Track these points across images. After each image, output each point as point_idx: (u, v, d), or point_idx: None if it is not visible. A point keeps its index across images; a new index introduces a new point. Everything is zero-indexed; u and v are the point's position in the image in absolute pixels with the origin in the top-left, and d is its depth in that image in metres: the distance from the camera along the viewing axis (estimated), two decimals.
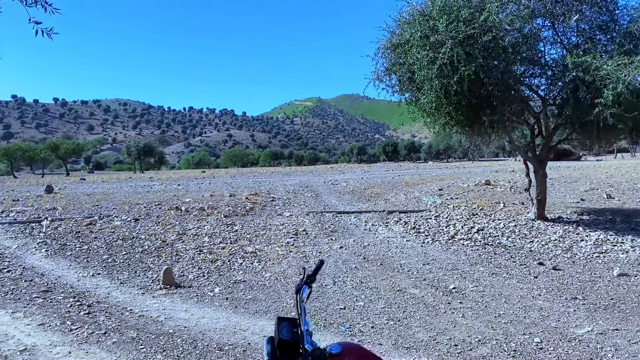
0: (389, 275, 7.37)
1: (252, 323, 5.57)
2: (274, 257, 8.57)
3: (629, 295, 6.22)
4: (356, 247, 9.23)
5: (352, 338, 5.03)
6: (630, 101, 8.86)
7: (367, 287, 6.80)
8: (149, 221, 11.38)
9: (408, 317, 5.60)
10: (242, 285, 7.09)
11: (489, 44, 9.42)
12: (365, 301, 6.19)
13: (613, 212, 12.55)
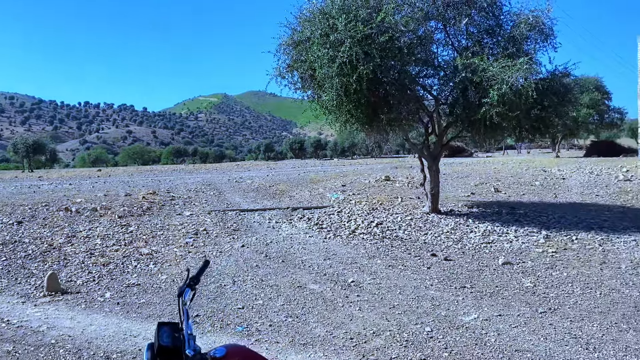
0: (290, 272, 7.37)
1: (144, 328, 5.31)
2: (172, 259, 8.26)
3: (511, 282, 6.68)
4: (258, 245, 9.15)
5: (249, 338, 4.95)
6: (513, 101, 9.54)
7: (268, 285, 6.75)
8: (34, 224, 10.53)
9: (306, 313, 5.62)
10: (136, 289, 6.75)
11: (386, 44, 9.71)
12: (264, 299, 6.13)
13: (500, 204, 13.48)
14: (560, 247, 8.62)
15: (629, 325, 4.97)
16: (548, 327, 4.99)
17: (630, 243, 8.72)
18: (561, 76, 11.29)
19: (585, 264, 7.48)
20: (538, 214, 12.01)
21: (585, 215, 11.80)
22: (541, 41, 11.11)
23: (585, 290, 6.21)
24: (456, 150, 44.46)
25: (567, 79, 11.55)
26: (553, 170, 22.69)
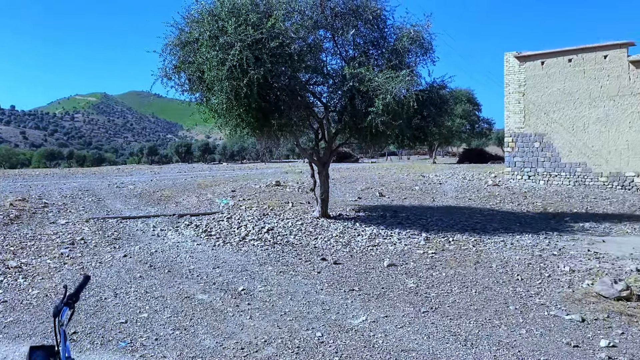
0: (177, 282, 7.07)
1: (12, 350, 4.79)
2: (44, 272, 7.56)
3: (396, 283, 6.97)
4: (142, 255, 8.68)
5: (134, 354, 4.65)
6: (396, 111, 10.02)
7: (153, 296, 6.41)
8: None
9: (195, 324, 5.41)
10: (2, 307, 6.08)
11: (277, 50, 9.73)
12: (149, 312, 5.81)
13: (384, 208, 14.07)
14: (439, 248, 9.18)
15: (501, 321, 5.40)
16: (430, 326, 5.27)
17: (499, 243, 9.53)
18: (438, 88, 12.09)
19: (461, 264, 8.03)
20: (418, 217, 12.72)
21: (460, 218, 12.71)
22: (421, 55, 11.82)
23: (462, 289, 6.66)
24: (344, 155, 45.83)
25: (443, 91, 12.39)
26: (431, 176, 24.18)
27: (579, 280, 6.92)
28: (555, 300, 6.07)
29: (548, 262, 8.03)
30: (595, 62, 20.08)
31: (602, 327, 5.16)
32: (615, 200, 16.40)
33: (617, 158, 19.72)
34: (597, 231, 10.99)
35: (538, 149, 21.49)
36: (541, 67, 21.31)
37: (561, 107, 20.86)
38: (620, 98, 19.56)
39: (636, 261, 7.95)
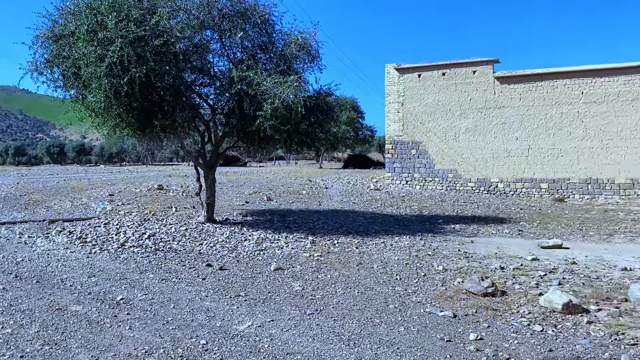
0: (47, 293, 6.51)
1: None
2: None
3: (282, 287, 7.01)
4: (6, 265, 7.89)
5: None
6: (284, 115, 10.10)
7: (19, 310, 5.85)
8: None
9: (67, 338, 5.02)
10: None
11: (161, 49, 9.38)
12: (14, 327, 5.29)
13: (272, 212, 14.11)
14: (324, 251, 9.40)
15: (382, 320, 5.65)
16: (315, 328, 5.37)
17: (380, 245, 9.97)
18: (325, 95, 12.39)
19: (345, 265, 8.28)
20: (305, 220, 12.92)
21: (344, 221, 13.12)
22: (309, 62, 12.04)
23: (346, 290, 6.87)
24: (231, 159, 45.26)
25: (330, 98, 12.72)
26: (317, 180, 24.72)
27: (451, 278, 7.45)
28: (431, 298, 6.48)
29: (424, 261, 8.56)
30: (465, 77, 21.83)
31: (472, 321, 5.60)
32: (482, 204, 17.92)
33: (484, 165, 21.57)
34: (466, 232, 11.91)
35: (415, 156, 22.86)
36: (418, 79, 22.72)
37: (435, 117, 22.39)
38: (487, 110, 21.44)
39: (500, 260, 8.73)
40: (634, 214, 15.41)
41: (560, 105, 20.34)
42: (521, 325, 5.40)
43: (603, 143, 19.79)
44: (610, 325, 5.33)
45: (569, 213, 15.74)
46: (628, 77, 19.48)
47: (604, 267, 8.14)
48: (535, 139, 20.74)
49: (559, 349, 4.80)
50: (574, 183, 20.17)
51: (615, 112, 19.60)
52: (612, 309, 5.91)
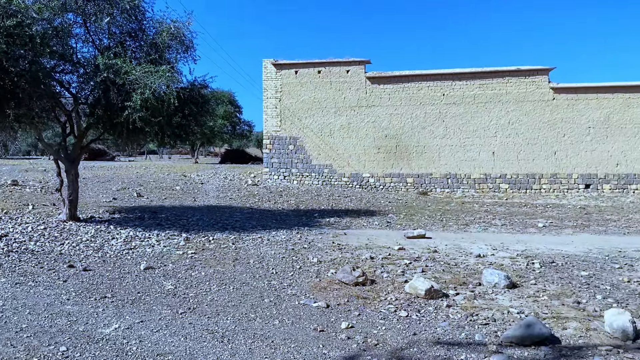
0: None
1: None
2: None
3: (153, 286, 6.71)
4: None
5: None
6: (155, 107, 9.66)
7: None
8: None
9: None
10: None
11: (14, 30, 8.49)
12: None
13: (142, 209, 13.45)
14: (199, 248, 9.16)
15: (257, 314, 5.64)
16: (188, 327, 5.22)
17: (257, 240, 9.96)
18: (200, 87, 12.05)
19: (220, 262, 8.14)
20: (179, 217, 12.50)
21: (220, 217, 12.90)
22: (182, 52, 11.60)
23: (220, 286, 6.76)
24: (97, 153, 42.30)
25: (205, 91, 12.41)
26: (192, 176, 24.04)
27: (325, 269, 7.66)
28: (305, 290, 6.61)
29: (300, 255, 8.70)
30: (339, 76, 22.56)
31: (344, 310, 5.80)
32: (355, 198, 18.68)
33: (357, 161, 22.49)
34: (340, 225, 12.33)
35: (292, 151, 23.17)
36: (295, 75, 23.03)
37: (312, 114, 22.87)
38: (359, 108, 22.36)
39: (370, 250, 9.15)
40: (487, 205, 17.04)
41: (425, 105, 21.85)
42: (389, 312, 5.71)
43: (461, 141, 21.62)
44: (466, 308, 5.83)
45: (431, 205, 16.97)
46: (483, 81, 21.47)
47: (461, 255, 8.89)
48: (403, 136, 22.06)
49: (422, 332, 5.14)
50: (436, 178, 21.81)
51: (472, 113, 21.51)
52: (468, 292, 6.47)
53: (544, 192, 20.88)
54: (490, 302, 6.07)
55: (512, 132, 21.28)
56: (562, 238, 10.78)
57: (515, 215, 14.59)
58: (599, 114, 20.71)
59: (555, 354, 4.56)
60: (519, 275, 7.38)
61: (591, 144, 20.83)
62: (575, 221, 13.32)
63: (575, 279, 7.15)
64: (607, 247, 9.57)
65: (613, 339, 4.89)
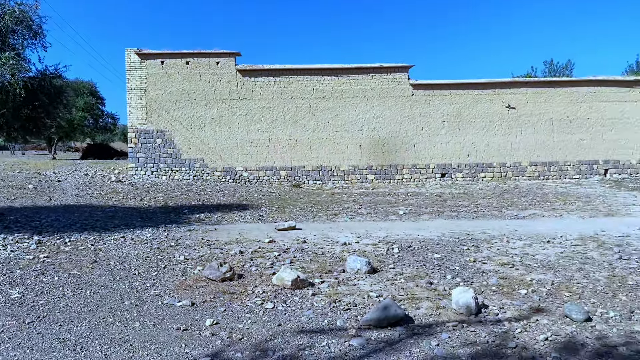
0: None
1: None
2: None
3: None
4: None
5: None
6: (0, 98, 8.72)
7: None
8: None
9: None
10: None
11: None
12: None
13: None
14: (53, 251, 8.45)
15: (115, 318, 5.34)
16: (36, 337, 4.79)
17: (119, 240, 9.42)
18: (52, 77, 11.11)
19: (77, 265, 7.58)
20: (30, 219, 11.43)
21: (79, 217, 12.01)
22: (30, 38, 10.60)
23: (76, 291, 6.29)
24: None
25: (59, 81, 11.46)
26: (49, 173, 22.11)
27: (192, 267, 7.47)
28: (170, 289, 6.39)
29: (165, 253, 8.39)
30: (209, 67, 22.07)
31: (209, 307, 5.71)
32: (228, 192, 18.46)
33: (229, 155, 22.23)
34: (211, 220, 12.11)
35: (160, 146, 22.24)
36: (161, 66, 22.10)
37: (181, 106, 22.13)
38: (231, 101, 22.09)
39: (240, 244, 9.10)
40: (355, 196, 17.80)
41: (296, 99, 22.20)
42: (255, 305, 5.73)
43: (331, 135, 22.32)
44: (330, 295, 6.05)
45: (303, 197, 17.33)
46: (350, 77, 22.33)
47: (328, 244, 9.19)
48: (275, 130, 22.22)
49: (287, 322, 5.24)
50: (308, 170, 22.30)
51: (340, 108, 22.29)
52: (332, 280, 6.72)
53: (405, 182, 22.34)
54: (353, 288, 6.35)
55: (376, 126, 22.42)
56: (420, 224, 11.62)
57: (380, 204, 15.42)
58: (452, 109, 22.59)
59: (408, 333, 4.91)
60: (379, 260, 7.82)
61: (446, 137, 22.66)
62: (431, 208, 14.42)
63: (429, 262, 7.74)
64: (457, 231, 10.49)
65: (459, 315, 5.38)
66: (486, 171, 22.79)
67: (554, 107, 22.89)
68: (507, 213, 13.22)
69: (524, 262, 7.66)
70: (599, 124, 22.99)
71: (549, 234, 9.91)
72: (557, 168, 22.96)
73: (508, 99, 22.76)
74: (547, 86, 23.22)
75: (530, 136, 22.89)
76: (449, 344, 4.64)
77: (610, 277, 6.78)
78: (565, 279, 6.70)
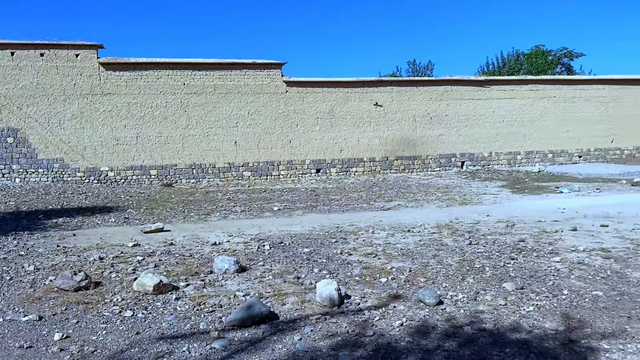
0: None
1: None
2: None
3: None
4: None
5: None
6: None
7: None
8: None
9: None
10: None
11: None
12: None
13: None
14: None
15: None
16: None
17: None
18: None
19: None
20: None
21: None
22: None
23: None
24: None
25: None
26: None
27: (43, 277, 6.84)
28: (14, 304, 5.79)
29: (13, 264, 7.59)
30: (67, 60, 20.40)
31: (59, 320, 5.26)
32: (91, 194, 17.24)
33: (93, 154, 20.76)
34: (70, 225, 11.22)
35: (12, 145, 20.12)
36: (11, 57, 19.98)
37: (36, 102, 20.21)
38: (94, 97, 20.63)
39: (101, 250, 8.52)
40: (230, 193, 17.56)
41: (166, 94, 21.31)
42: (112, 314, 5.39)
43: (204, 131, 21.77)
44: (195, 298, 5.87)
45: (175, 197, 16.72)
46: (222, 72, 21.93)
47: (198, 245, 8.95)
48: (144, 127, 21.15)
49: (147, 329, 4.99)
50: (181, 169, 21.56)
51: (213, 104, 21.82)
52: (198, 282, 6.53)
53: (282, 178, 22.52)
54: (219, 289, 6.24)
55: (252, 122, 22.30)
56: (293, 219, 11.76)
57: (255, 201, 15.37)
58: (325, 106, 23.18)
59: (272, 330, 4.92)
60: (249, 258, 7.77)
61: (319, 133, 23.20)
62: (305, 203, 14.68)
63: (299, 256, 7.85)
64: (328, 224, 10.78)
65: (323, 308, 5.51)
66: (358, 166, 23.73)
67: (417, 105, 24.45)
68: (375, 205, 13.87)
69: (386, 252, 8.07)
70: (455, 120, 25.00)
71: (410, 224, 10.56)
72: (420, 161, 24.58)
73: (376, 97, 23.88)
74: (410, 85, 24.73)
75: (396, 132, 24.24)
76: (311, 338, 4.73)
77: (460, 261, 7.37)
78: (421, 266, 7.17)
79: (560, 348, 4.45)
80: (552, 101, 26.44)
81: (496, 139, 25.64)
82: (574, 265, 7.01)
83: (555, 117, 26.53)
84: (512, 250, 7.99)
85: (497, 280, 6.39)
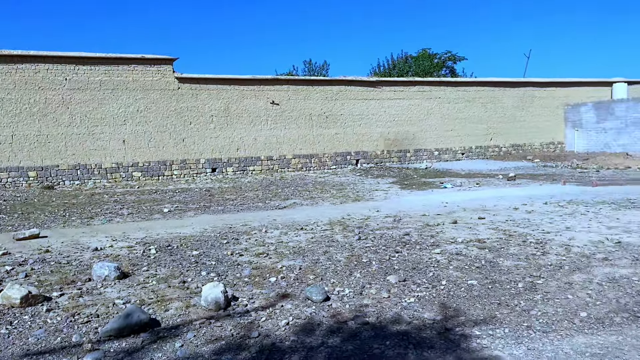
0: None
1: None
2: None
3: None
4: None
5: None
6: None
7: None
8: None
9: None
10: None
11: None
12: None
13: None
14: None
15: None
16: None
17: None
18: None
19: None
20: None
21: None
22: None
23: None
24: None
25: None
26: None
27: None
28: None
29: None
30: None
31: None
32: None
33: None
34: None
35: None
36: None
37: None
38: None
39: None
40: (118, 195, 16.65)
41: (45, 90, 19.73)
42: None
43: (89, 130, 20.45)
44: (69, 309, 5.45)
45: (56, 200, 15.54)
46: (109, 67, 20.73)
47: (77, 251, 8.35)
48: (20, 124, 19.42)
49: (9, 346, 4.54)
50: (64, 170, 20.08)
51: (99, 100, 20.56)
52: (75, 291, 6.09)
53: (175, 178, 21.77)
54: (97, 297, 5.85)
55: (142, 120, 21.31)
56: (183, 221, 11.38)
57: (144, 202, 14.69)
58: (220, 104, 22.74)
59: (153, 338, 4.69)
60: (133, 263, 7.38)
61: (215, 131, 22.73)
62: (199, 203, 14.29)
63: (187, 259, 7.60)
64: (220, 225, 10.56)
65: (208, 312, 5.35)
66: (255, 164, 23.57)
67: (313, 104, 24.79)
68: (270, 204, 13.83)
69: (277, 251, 8.06)
70: (349, 119, 25.68)
71: (304, 221, 10.64)
72: (317, 160, 24.95)
73: (272, 96, 23.85)
74: (306, 84, 25.00)
75: (293, 131, 24.39)
76: (194, 343, 4.57)
77: (349, 257, 7.54)
78: (311, 263, 7.24)
79: (437, 337, 4.68)
80: (437, 102, 28.05)
81: (387, 137, 26.69)
82: (452, 257, 7.44)
83: (441, 117, 28.19)
84: (397, 243, 8.33)
85: (382, 274, 6.61)
